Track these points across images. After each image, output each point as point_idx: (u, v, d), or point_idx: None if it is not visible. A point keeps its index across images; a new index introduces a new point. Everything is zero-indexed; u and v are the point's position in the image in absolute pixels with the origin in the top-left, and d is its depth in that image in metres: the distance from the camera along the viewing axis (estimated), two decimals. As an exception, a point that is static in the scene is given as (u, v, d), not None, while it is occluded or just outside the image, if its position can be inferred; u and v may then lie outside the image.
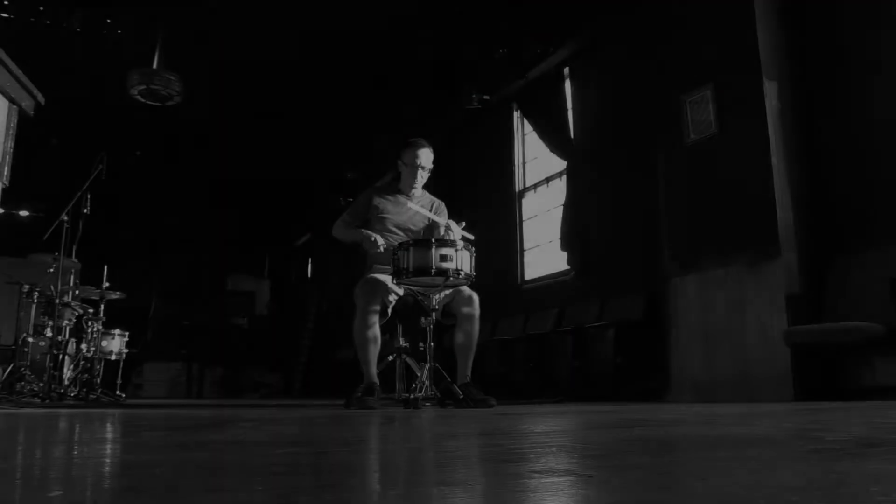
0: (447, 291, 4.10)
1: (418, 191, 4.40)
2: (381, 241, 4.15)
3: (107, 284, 6.20)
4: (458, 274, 3.80)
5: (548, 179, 7.88)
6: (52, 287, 5.75)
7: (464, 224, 4.07)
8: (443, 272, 3.76)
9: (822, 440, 1.34)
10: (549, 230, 7.65)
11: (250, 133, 11.25)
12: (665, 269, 5.24)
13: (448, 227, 4.08)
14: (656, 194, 5.42)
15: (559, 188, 7.54)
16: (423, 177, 4.37)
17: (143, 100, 7.90)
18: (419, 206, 4.30)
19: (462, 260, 3.80)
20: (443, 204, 4.52)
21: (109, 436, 1.86)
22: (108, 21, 7.63)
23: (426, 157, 4.36)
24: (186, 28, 8.11)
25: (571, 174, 7.12)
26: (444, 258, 3.77)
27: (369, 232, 4.22)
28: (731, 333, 4.66)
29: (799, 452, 1.14)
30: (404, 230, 4.34)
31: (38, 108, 2.58)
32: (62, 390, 5.44)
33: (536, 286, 7.62)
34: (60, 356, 5.78)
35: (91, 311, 6.22)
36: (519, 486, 0.81)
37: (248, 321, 14.64)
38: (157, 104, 8.05)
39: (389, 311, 4.17)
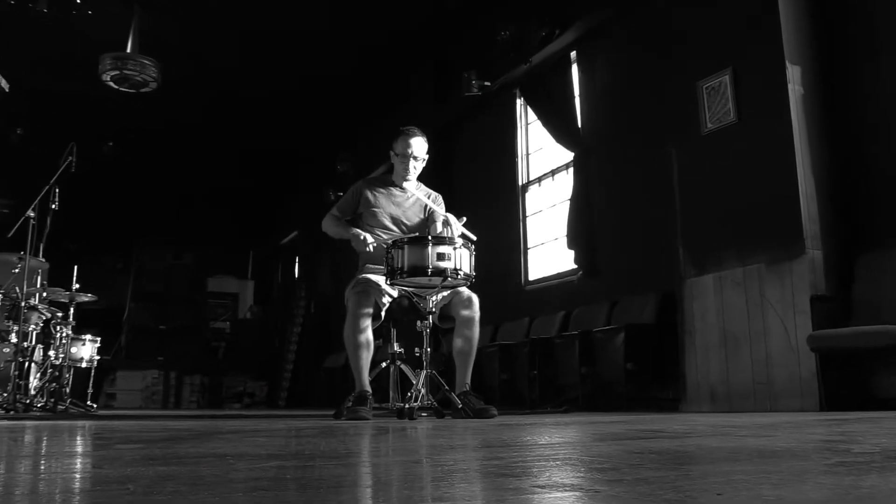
0: (445, 293, 4.10)
1: (412, 183, 4.40)
2: (370, 239, 4.14)
3: (77, 286, 6.20)
4: (457, 274, 3.80)
5: (553, 172, 7.89)
6: (17, 289, 5.74)
7: (464, 220, 4.06)
8: (440, 272, 3.76)
9: (849, 453, 1.35)
10: (555, 227, 7.66)
11: (232, 121, 11.24)
12: (680, 269, 5.24)
13: (447, 221, 4.06)
14: (670, 188, 5.42)
15: (565, 181, 7.55)
16: (416, 168, 4.37)
17: (116, 86, 7.90)
18: (419, 194, 4.33)
19: (461, 259, 3.80)
20: (440, 196, 4.51)
21: (79, 449, 1.86)
22: (78, 1, 7.62)
23: (419, 146, 4.35)
24: (163, 8, 8.10)
25: (579, 166, 7.13)
26: (441, 257, 3.77)
27: (358, 230, 4.22)
28: (751, 338, 4.67)
29: (823, 466, 1.14)
30: (398, 225, 4.34)
31: (1, 95, 2.59)
32: (28, 401, 5.44)
33: (541, 287, 7.63)
34: (26, 364, 5.78)
35: (60, 314, 6.22)
36: (521, 503, 0.81)
37: (230, 325, 14.64)
38: (132, 91, 8.05)
39: (383, 314, 4.17)
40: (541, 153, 8.20)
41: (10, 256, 5.92)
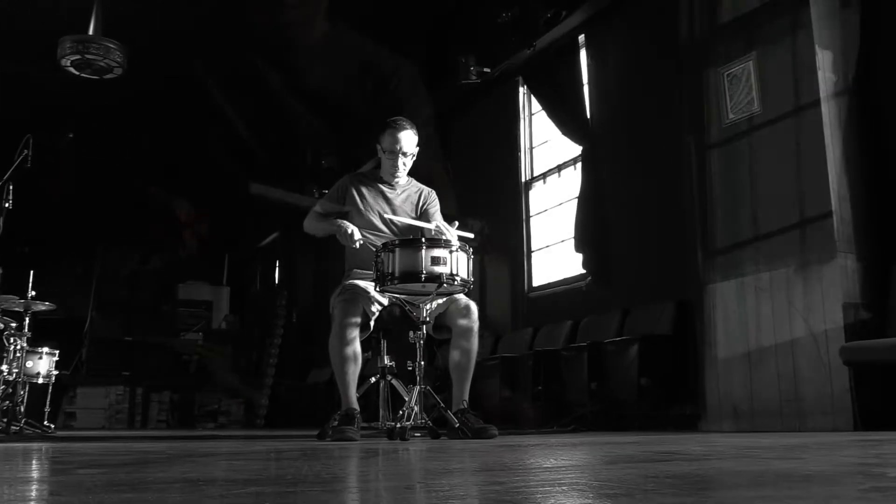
0: (440, 301, 4.10)
1: (402, 179, 4.39)
2: (357, 235, 4.14)
3: (33, 293, 6.18)
4: (453, 280, 3.80)
5: (559, 168, 7.90)
6: (-34, 297, 5.72)
7: (457, 224, 4.05)
8: (435, 278, 3.75)
9: (884, 477, 1.35)
10: (562, 228, 7.67)
11: (205, 111, 11.22)
12: (699, 274, 5.25)
13: (439, 231, 4.01)
14: (688, 185, 5.43)
15: (573, 178, 7.56)
16: (405, 164, 4.35)
17: (76, 72, 7.89)
18: (411, 190, 4.38)
19: (458, 263, 3.80)
20: (433, 193, 4.51)
21: (35, 474, 1.86)
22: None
23: (408, 140, 4.32)
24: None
25: (587, 161, 7.14)
26: (436, 261, 3.76)
27: (345, 223, 4.19)
28: (778, 350, 4.68)
29: (857, 492, 1.14)
30: (388, 225, 4.33)
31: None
32: (-21, 420, 5.42)
33: (546, 294, 7.63)
34: (-23, 379, 5.76)
35: (14, 325, 6.20)
36: (523, 532, 0.82)
37: (203, 336, 14.61)
38: (94, 77, 8.04)
39: (372, 323, 4.17)
40: (546, 147, 8.22)
41: (-42, 261, 5.90)
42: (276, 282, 14.06)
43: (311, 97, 10.04)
